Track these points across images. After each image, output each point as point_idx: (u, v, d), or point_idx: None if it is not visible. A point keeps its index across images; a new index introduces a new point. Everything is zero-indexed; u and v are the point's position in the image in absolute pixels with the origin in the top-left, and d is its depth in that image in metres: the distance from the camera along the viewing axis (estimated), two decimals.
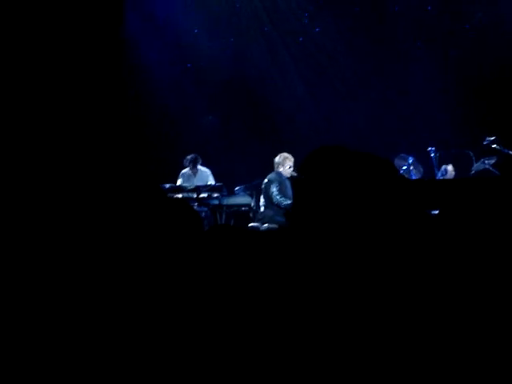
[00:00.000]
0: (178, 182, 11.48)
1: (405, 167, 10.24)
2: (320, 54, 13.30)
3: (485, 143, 9.89)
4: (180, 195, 10.64)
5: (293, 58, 13.36)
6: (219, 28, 13.25)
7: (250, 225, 10.22)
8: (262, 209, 10.20)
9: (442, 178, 10.33)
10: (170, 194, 10.59)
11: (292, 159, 10.13)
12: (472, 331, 2.18)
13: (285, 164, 10.12)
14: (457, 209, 2.92)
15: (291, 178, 9.94)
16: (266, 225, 9.83)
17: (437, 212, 3.32)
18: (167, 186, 10.91)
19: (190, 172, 11.54)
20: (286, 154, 10.21)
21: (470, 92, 12.27)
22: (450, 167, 10.65)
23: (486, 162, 9.92)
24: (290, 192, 9.78)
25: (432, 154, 10.30)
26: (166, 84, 13.07)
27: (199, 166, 11.57)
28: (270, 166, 10.30)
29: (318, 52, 13.31)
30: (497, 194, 2.62)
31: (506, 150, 9.45)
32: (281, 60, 13.36)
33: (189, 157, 11.50)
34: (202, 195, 10.73)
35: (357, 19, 12.92)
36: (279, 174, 10.10)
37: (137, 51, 12.95)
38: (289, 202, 9.58)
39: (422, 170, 10.34)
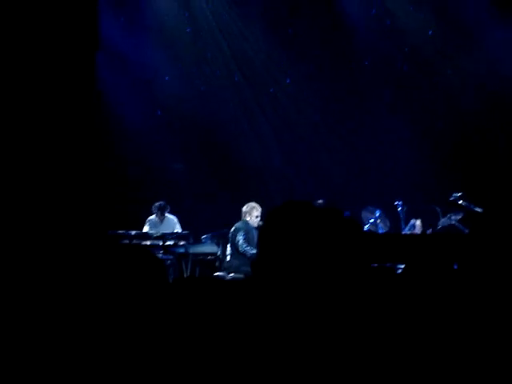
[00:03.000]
0: (145, 229, 11.41)
1: (372, 220, 10.29)
2: (290, 104, 13.40)
3: (451, 199, 9.96)
4: (146, 242, 10.58)
5: (262, 108, 13.45)
6: (190, 76, 13.31)
7: (215, 274, 10.18)
8: (228, 258, 10.16)
9: (409, 232, 10.37)
10: (135, 241, 10.53)
11: (259, 209, 10.14)
12: None
13: (252, 213, 10.12)
14: (422, 264, 2.93)
15: (258, 228, 9.93)
16: (231, 274, 9.79)
17: (402, 266, 3.34)
18: (133, 232, 10.84)
19: (157, 219, 11.49)
20: (253, 204, 10.23)
21: (437, 147, 12.41)
22: (418, 222, 10.70)
23: (453, 217, 9.99)
24: (256, 241, 9.75)
25: (399, 208, 10.37)
26: (136, 130, 13.06)
27: (166, 214, 11.53)
28: (238, 215, 10.30)
29: (288, 103, 13.42)
30: (462, 251, 2.66)
31: (472, 207, 9.52)
32: (251, 110, 13.44)
33: (157, 204, 11.46)
34: (168, 243, 10.68)
35: (328, 71, 13.05)
36: (246, 223, 10.10)
37: (107, 96, 12.95)
38: (255, 251, 9.56)
39: (388, 223, 10.40)
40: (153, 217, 11.55)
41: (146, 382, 2.41)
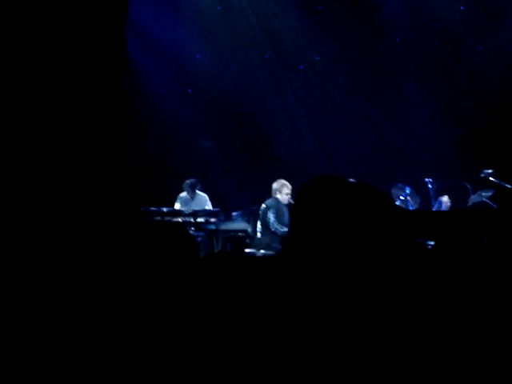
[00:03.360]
0: (176, 206, 11.48)
1: (402, 197, 10.26)
2: (320, 82, 13.36)
3: (482, 176, 9.91)
4: (177, 219, 10.63)
5: (292, 86, 13.42)
6: (221, 54, 13.32)
7: (246, 250, 10.21)
8: (258, 235, 10.19)
9: (438, 209, 10.35)
10: (167, 218, 10.59)
11: (289, 186, 10.13)
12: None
13: (282, 190, 10.12)
14: (453, 241, 2.93)
15: (289, 205, 9.94)
16: (262, 251, 9.81)
17: (433, 243, 3.33)
18: (165, 209, 10.90)
19: (188, 196, 11.55)
20: (283, 181, 10.22)
21: (468, 124, 12.33)
22: (445, 198, 10.68)
23: (483, 194, 9.95)
24: (286, 219, 9.77)
25: (429, 185, 10.33)
26: (167, 108, 13.12)
27: (197, 191, 11.58)
28: (268, 192, 10.31)
29: (317, 81, 13.38)
30: (493, 227, 2.64)
31: (503, 184, 9.47)
32: (281, 87, 13.43)
33: (188, 181, 11.51)
34: (199, 220, 10.72)
35: (357, 49, 12.99)
36: (276, 200, 10.11)
37: (138, 75, 13.02)
38: (285, 229, 9.57)
39: (419, 200, 10.36)
40: (184, 194, 11.61)
41: (175, 357, 2.43)
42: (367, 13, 12.87)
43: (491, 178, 9.81)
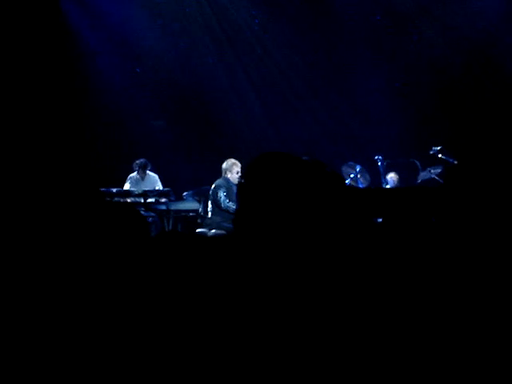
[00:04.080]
0: (126, 187, 11.40)
1: (352, 175, 10.35)
2: (269, 60, 13.35)
3: (431, 153, 10.03)
4: (127, 200, 10.58)
5: (242, 64, 13.39)
6: (169, 32, 13.22)
7: (197, 230, 10.21)
8: (209, 214, 10.19)
9: (386, 186, 10.46)
10: (117, 199, 10.53)
11: (239, 165, 10.14)
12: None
13: (232, 170, 10.13)
14: (400, 217, 2.96)
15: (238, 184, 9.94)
16: (213, 231, 9.83)
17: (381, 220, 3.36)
18: (114, 190, 10.82)
19: (138, 176, 11.47)
20: (233, 160, 10.23)
21: (417, 102, 12.44)
22: (392, 174, 10.79)
23: (432, 171, 10.08)
24: None
25: (379, 163, 10.43)
26: (116, 88, 13.00)
27: (148, 171, 11.52)
28: (218, 172, 10.31)
29: (266, 59, 13.36)
30: (440, 203, 2.66)
31: (452, 160, 9.60)
32: (230, 65, 13.38)
33: (138, 161, 11.42)
34: (149, 200, 10.68)
35: (307, 29, 12.99)
36: (227, 179, 10.11)
37: (87, 54, 12.89)
38: (236, 206, 9.59)
39: (369, 178, 10.45)
40: (134, 174, 11.52)
41: (131, 336, 2.42)
42: None
43: (440, 155, 9.94)
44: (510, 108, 11.58)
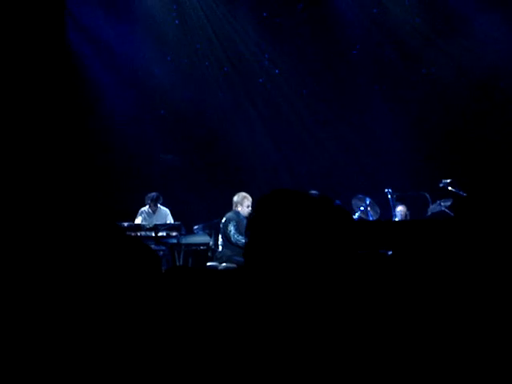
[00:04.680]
0: (138, 220, 11.45)
1: (362, 208, 10.34)
2: (280, 95, 13.42)
3: (441, 185, 10.03)
4: (138, 233, 10.61)
5: (253, 100, 13.46)
6: (180, 68, 13.32)
7: (208, 264, 10.22)
8: (220, 248, 10.20)
9: (396, 218, 10.44)
10: (128, 232, 10.55)
11: (250, 199, 10.17)
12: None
13: (243, 203, 10.15)
14: (411, 250, 2.97)
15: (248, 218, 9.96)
16: (224, 264, 9.83)
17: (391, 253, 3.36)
18: (125, 224, 10.87)
19: (150, 210, 11.52)
20: (244, 194, 10.26)
21: (427, 135, 12.46)
22: (400, 207, 10.78)
23: (442, 204, 10.06)
24: None
25: (389, 196, 10.42)
26: (126, 122, 13.09)
27: (159, 205, 11.57)
28: (229, 206, 10.33)
29: (277, 94, 13.43)
30: (451, 236, 2.67)
31: (462, 193, 9.58)
32: (241, 101, 13.45)
33: (150, 195, 11.49)
34: (160, 234, 10.70)
35: (316, 61, 13.07)
36: (237, 213, 10.13)
37: (98, 90, 12.99)
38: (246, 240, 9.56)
39: (378, 210, 10.45)
40: (145, 208, 11.58)
41: (140, 370, 2.43)
42: (325, 26, 12.97)
43: (450, 188, 9.93)
44: None
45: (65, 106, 12.31)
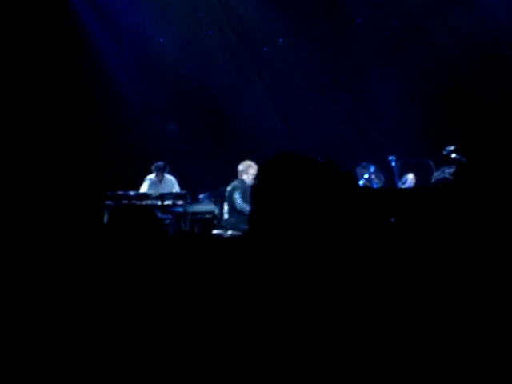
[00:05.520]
0: (143, 187, 11.49)
1: (366, 176, 10.35)
2: (283, 63, 13.38)
3: (444, 153, 10.01)
4: (145, 202, 10.65)
5: (255, 67, 13.43)
6: (184, 38, 13.28)
7: (213, 232, 10.26)
8: (225, 216, 10.23)
9: (402, 186, 10.44)
10: (134, 201, 10.60)
11: (255, 167, 10.17)
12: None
13: (248, 172, 10.17)
14: (414, 216, 2.98)
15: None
16: (229, 232, 9.87)
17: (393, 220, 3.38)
18: (131, 193, 10.91)
19: (156, 179, 11.57)
20: (249, 162, 10.27)
21: (430, 102, 12.44)
22: (410, 176, 10.76)
23: (446, 170, 10.05)
24: None
25: (393, 163, 10.42)
26: (131, 92, 13.08)
27: (166, 174, 11.61)
28: (234, 174, 10.35)
29: (280, 62, 13.39)
30: (454, 202, 2.66)
31: (465, 160, 9.57)
32: (244, 69, 13.42)
33: (157, 164, 11.54)
34: (166, 202, 10.75)
35: (319, 29, 13.02)
36: (242, 181, 10.15)
37: (101, 58, 12.97)
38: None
39: (383, 178, 10.45)
40: (152, 176, 11.62)
41: (144, 336, 2.46)
42: None
43: (453, 155, 9.93)
44: None
45: (68, 78, 12.33)
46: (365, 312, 2.25)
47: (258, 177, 2.54)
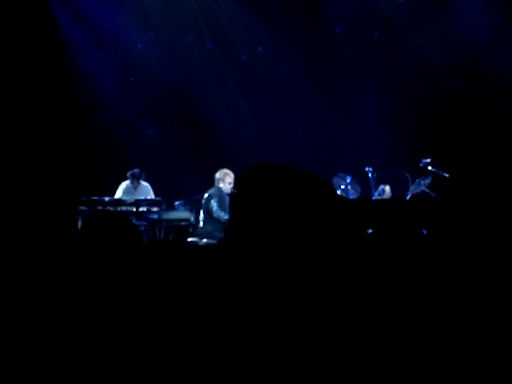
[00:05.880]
0: (118, 194, 11.42)
1: (343, 186, 10.37)
2: (263, 72, 13.38)
3: (421, 165, 10.06)
4: (120, 208, 10.60)
5: (235, 75, 13.42)
6: (162, 43, 13.26)
7: (188, 239, 10.24)
8: (201, 224, 10.22)
9: (378, 197, 10.46)
10: (109, 207, 10.55)
11: (232, 175, 10.18)
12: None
13: (225, 180, 10.17)
14: (390, 229, 2.98)
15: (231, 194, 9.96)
16: (204, 240, 9.85)
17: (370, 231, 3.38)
18: (107, 198, 10.86)
19: (131, 185, 11.49)
20: (226, 170, 10.27)
21: (408, 114, 12.51)
22: (387, 188, 10.79)
23: (422, 182, 10.09)
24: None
25: (369, 174, 10.45)
26: (108, 97, 13.03)
27: (141, 181, 11.54)
28: (211, 182, 10.34)
29: (259, 68, 13.39)
30: (430, 214, 2.66)
31: (442, 172, 9.62)
32: (224, 76, 13.42)
33: (133, 171, 11.44)
34: (141, 209, 10.71)
35: (300, 39, 13.05)
36: (219, 189, 10.15)
37: (80, 65, 12.91)
38: (228, 216, 9.61)
39: (359, 189, 10.47)
40: (127, 182, 11.54)
41: (124, 345, 2.44)
42: (309, 3, 12.96)
43: (430, 167, 9.96)
44: (500, 120, 11.67)
45: (48, 82, 12.28)
46: (339, 322, 2.24)
47: (237, 186, 2.52)
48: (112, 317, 2.51)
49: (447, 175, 9.37)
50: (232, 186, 10.07)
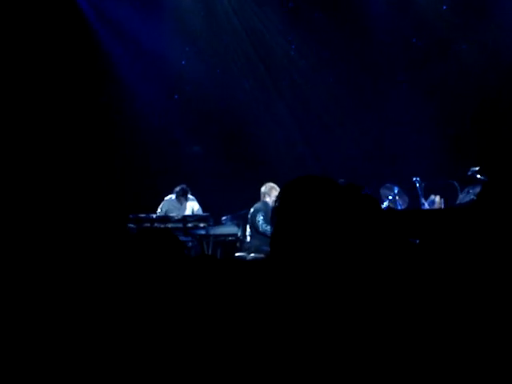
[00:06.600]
0: (162, 209, 11.44)
1: (391, 197, 10.30)
2: (305, 83, 13.39)
3: (469, 173, 9.96)
4: (167, 225, 10.65)
5: (279, 90, 13.45)
6: (206, 60, 13.35)
7: (236, 254, 10.24)
8: (248, 238, 10.22)
9: (429, 208, 10.37)
10: (156, 224, 10.61)
11: (278, 189, 10.16)
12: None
13: (271, 194, 10.16)
14: (438, 238, 2.95)
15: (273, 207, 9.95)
16: (252, 254, 9.85)
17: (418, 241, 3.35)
18: (154, 215, 10.93)
19: (177, 201, 11.53)
20: (272, 184, 10.26)
21: (455, 122, 12.39)
22: (437, 198, 10.69)
23: (471, 191, 9.98)
24: None
25: (417, 185, 10.37)
26: (154, 115, 13.15)
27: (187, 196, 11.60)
28: (257, 196, 10.34)
29: (302, 82, 13.41)
30: (478, 223, 2.65)
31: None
32: (267, 92, 13.45)
33: (179, 188, 11.47)
34: (188, 225, 10.74)
35: (342, 50, 13.04)
36: (265, 203, 10.14)
37: (126, 83, 13.06)
38: None
39: (407, 199, 10.40)
40: (172, 197, 11.55)
41: (167, 356, 2.45)
42: (351, 14, 12.94)
43: (478, 176, 9.86)
44: None
45: (92, 100, 12.45)
46: (388, 335, 2.23)
47: (279, 199, 2.52)
48: (163, 331, 2.53)
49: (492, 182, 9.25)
50: None
